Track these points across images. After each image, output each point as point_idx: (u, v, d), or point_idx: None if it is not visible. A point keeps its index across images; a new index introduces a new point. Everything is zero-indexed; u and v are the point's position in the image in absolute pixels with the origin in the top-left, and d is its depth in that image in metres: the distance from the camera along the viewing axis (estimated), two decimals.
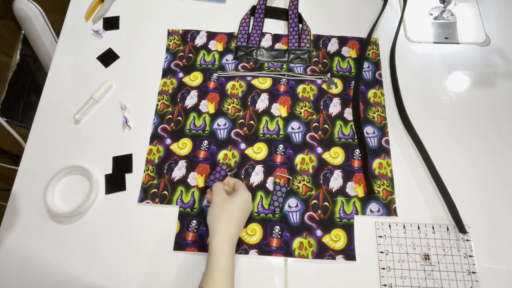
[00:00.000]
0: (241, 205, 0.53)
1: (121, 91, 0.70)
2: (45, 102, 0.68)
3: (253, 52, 0.72)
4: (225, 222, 0.51)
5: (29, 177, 0.62)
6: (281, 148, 0.64)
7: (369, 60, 0.72)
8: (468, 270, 0.56)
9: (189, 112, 0.67)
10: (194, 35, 0.74)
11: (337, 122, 0.66)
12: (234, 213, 0.52)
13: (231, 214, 0.52)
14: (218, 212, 0.52)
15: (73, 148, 0.65)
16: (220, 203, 0.53)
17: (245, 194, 0.55)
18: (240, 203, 0.53)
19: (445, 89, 0.70)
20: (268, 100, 0.68)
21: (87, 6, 0.76)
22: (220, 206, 0.52)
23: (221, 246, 0.49)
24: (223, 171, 0.61)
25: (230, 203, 0.53)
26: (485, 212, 0.60)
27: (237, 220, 0.52)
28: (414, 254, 0.57)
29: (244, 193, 0.55)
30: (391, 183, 0.62)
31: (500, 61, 0.72)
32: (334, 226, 0.59)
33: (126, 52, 0.73)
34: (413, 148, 0.65)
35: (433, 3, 0.78)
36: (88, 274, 0.56)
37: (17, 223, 0.59)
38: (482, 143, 0.65)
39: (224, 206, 0.52)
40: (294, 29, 0.74)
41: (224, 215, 0.52)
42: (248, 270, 0.56)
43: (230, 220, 0.51)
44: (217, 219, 0.51)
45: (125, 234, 0.58)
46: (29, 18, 0.83)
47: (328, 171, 0.62)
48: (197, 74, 0.71)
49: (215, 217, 0.52)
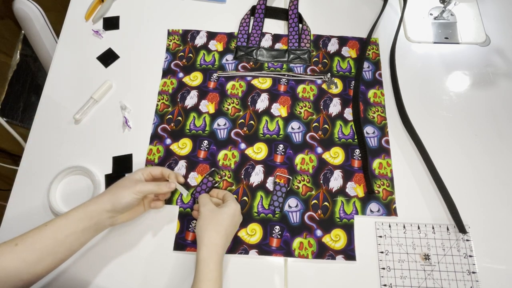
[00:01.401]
0: (229, 216, 0.53)
1: (121, 91, 0.70)
2: (45, 102, 0.68)
3: (253, 52, 0.72)
4: (212, 233, 0.51)
5: (29, 177, 0.62)
6: (281, 148, 0.64)
7: (369, 60, 0.72)
8: (468, 270, 0.56)
9: (189, 112, 0.67)
10: (194, 35, 0.74)
11: (337, 122, 0.66)
12: (222, 223, 0.52)
13: (218, 224, 0.51)
14: (206, 223, 0.52)
15: (73, 148, 0.65)
16: (208, 213, 0.53)
17: (234, 206, 0.54)
18: (228, 213, 0.53)
19: (445, 89, 0.70)
20: (268, 100, 0.68)
21: (87, 6, 0.76)
22: (208, 217, 0.52)
23: (208, 257, 0.49)
24: (210, 183, 0.61)
25: (218, 214, 0.53)
26: (485, 212, 0.60)
27: (224, 230, 0.52)
28: (414, 254, 0.57)
29: (233, 205, 0.55)
30: (391, 183, 0.62)
31: (500, 61, 0.72)
32: (334, 226, 0.59)
33: (126, 52, 0.73)
34: (413, 148, 0.65)
35: (433, 3, 0.78)
36: (88, 274, 0.56)
37: (17, 223, 0.59)
38: (482, 143, 0.65)
39: (212, 217, 0.52)
40: (294, 29, 0.74)
41: (211, 225, 0.51)
42: (248, 270, 0.56)
43: (217, 231, 0.51)
44: (205, 230, 0.51)
45: (125, 234, 0.58)
46: (29, 18, 0.83)
47: (328, 171, 0.62)
48: (197, 74, 0.71)
49: (203, 227, 0.51)
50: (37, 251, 0.45)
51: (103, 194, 0.52)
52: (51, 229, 0.46)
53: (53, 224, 0.47)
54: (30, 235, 0.46)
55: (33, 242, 0.45)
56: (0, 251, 0.44)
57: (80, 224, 0.48)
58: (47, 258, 0.46)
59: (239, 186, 0.61)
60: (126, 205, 0.51)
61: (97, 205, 0.50)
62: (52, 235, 0.46)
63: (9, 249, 0.44)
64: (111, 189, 0.52)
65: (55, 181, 0.61)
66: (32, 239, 0.45)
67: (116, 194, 0.51)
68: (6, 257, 0.43)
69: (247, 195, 0.61)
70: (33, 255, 0.45)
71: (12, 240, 0.45)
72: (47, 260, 0.46)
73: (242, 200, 0.60)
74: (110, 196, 0.51)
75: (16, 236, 0.46)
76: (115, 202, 0.50)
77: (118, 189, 0.52)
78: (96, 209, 0.49)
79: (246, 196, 0.61)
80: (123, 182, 0.53)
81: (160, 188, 0.54)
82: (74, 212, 0.49)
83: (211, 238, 0.50)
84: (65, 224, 0.47)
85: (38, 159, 0.64)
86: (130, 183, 0.52)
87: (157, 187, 0.54)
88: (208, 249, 0.49)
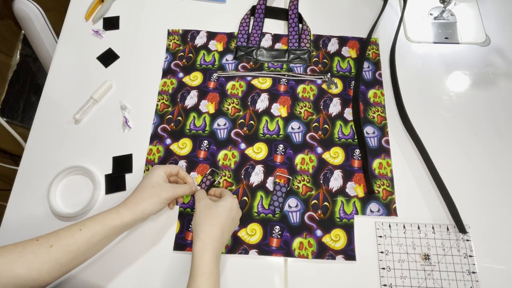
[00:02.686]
0: (226, 210, 0.53)
1: (121, 91, 0.70)
2: (45, 102, 0.68)
3: (253, 52, 0.72)
4: (207, 227, 0.50)
5: (29, 177, 0.62)
6: (281, 148, 0.64)
7: (369, 60, 0.72)
8: (468, 270, 0.56)
9: (189, 112, 0.67)
10: (194, 35, 0.74)
11: (337, 122, 0.66)
12: (217, 217, 0.51)
13: (214, 218, 0.51)
14: (201, 216, 0.52)
15: (73, 148, 0.65)
16: (203, 208, 0.53)
17: (230, 200, 0.54)
18: (225, 207, 0.53)
19: (445, 89, 0.70)
20: (268, 100, 0.68)
21: (87, 6, 0.76)
22: (203, 211, 0.52)
23: (203, 250, 0.48)
24: (208, 181, 0.61)
25: (213, 207, 0.52)
26: (485, 212, 0.60)
27: (221, 224, 0.51)
28: (414, 254, 0.57)
29: (230, 199, 0.54)
30: (391, 183, 0.62)
31: (500, 61, 0.72)
32: (334, 226, 0.59)
33: (126, 52, 0.73)
34: (413, 148, 0.65)
35: (433, 3, 0.78)
36: (87, 274, 0.56)
37: (17, 223, 0.59)
38: (482, 143, 0.65)
39: (207, 211, 0.52)
40: (294, 29, 0.74)
41: (206, 219, 0.51)
42: (248, 270, 0.56)
43: (212, 224, 0.51)
44: (200, 223, 0.51)
45: (125, 234, 0.58)
46: (29, 18, 0.83)
47: (328, 171, 0.62)
48: (197, 74, 0.71)
49: (198, 221, 0.51)
50: (72, 253, 0.46)
51: (137, 202, 0.51)
52: (87, 235, 0.47)
53: (88, 228, 0.48)
54: (64, 236, 0.46)
55: (67, 245, 0.46)
56: (34, 251, 0.44)
57: (113, 231, 0.49)
58: (79, 258, 0.48)
59: (239, 186, 0.61)
60: (156, 212, 0.53)
61: (133, 215, 0.50)
62: (87, 240, 0.47)
63: (43, 250, 0.45)
64: (144, 196, 0.52)
65: (55, 181, 0.61)
66: (67, 241, 0.46)
67: (147, 204, 0.51)
68: (40, 258, 0.44)
69: (247, 195, 0.61)
70: (67, 257, 0.46)
71: (46, 240, 0.46)
72: (79, 260, 0.48)
73: (242, 200, 0.60)
74: (144, 206, 0.51)
75: (48, 234, 0.46)
76: (148, 213, 0.51)
77: (149, 198, 0.52)
78: (133, 219, 0.50)
79: (246, 196, 0.61)
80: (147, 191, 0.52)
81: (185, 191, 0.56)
82: (111, 221, 0.49)
83: (206, 231, 0.50)
84: (101, 231, 0.48)
85: (38, 159, 0.64)
86: (155, 190, 0.52)
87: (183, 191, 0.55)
88: (203, 242, 0.49)
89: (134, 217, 0.50)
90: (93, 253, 0.49)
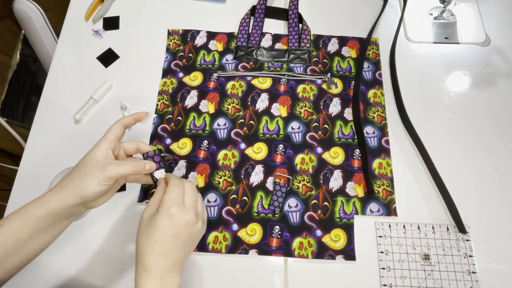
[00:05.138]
0: (165, 235, 0.41)
1: (121, 91, 0.70)
2: (45, 102, 0.68)
3: (253, 52, 0.72)
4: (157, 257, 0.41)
5: (29, 177, 0.62)
6: (281, 148, 0.64)
7: (369, 60, 0.72)
8: (468, 270, 0.56)
9: (189, 112, 0.67)
10: (194, 35, 0.74)
11: (337, 122, 0.66)
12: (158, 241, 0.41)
13: (155, 241, 0.41)
14: (144, 236, 0.42)
15: (73, 148, 0.65)
16: (145, 222, 0.43)
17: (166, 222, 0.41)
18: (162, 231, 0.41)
19: (445, 89, 0.70)
20: (268, 100, 0.68)
21: (87, 6, 0.76)
22: (144, 226, 0.42)
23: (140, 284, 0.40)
24: (157, 157, 0.49)
25: (152, 226, 0.41)
26: (485, 212, 0.60)
27: (163, 250, 0.41)
28: (414, 254, 0.57)
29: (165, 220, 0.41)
30: (391, 183, 0.62)
31: (500, 61, 0.72)
32: (334, 226, 0.59)
33: (126, 52, 0.73)
34: (413, 148, 0.65)
35: (433, 3, 0.78)
36: (88, 274, 0.56)
37: None
38: (482, 143, 0.65)
39: (147, 229, 0.42)
40: (294, 29, 0.74)
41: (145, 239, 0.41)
42: (248, 270, 0.56)
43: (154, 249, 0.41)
44: (144, 246, 0.41)
45: (125, 234, 0.58)
46: (29, 18, 0.83)
47: (328, 171, 0.62)
48: (197, 74, 0.71)
49: (142, 240, 0.42)
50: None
51: (64, 184, 0.43)
52: (10, 230, 0.40)
53: (10, 223, 0.40)
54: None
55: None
56: None
57: (42, 222, 0.41)
58: (13, 258, 0.41)
59: (239, 186, 0.61)
60: (95, 195, 0.43)
61: (61, 201, 0.42)
62: (12, 236, 0.40)
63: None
64: (73, 176, 0.43)
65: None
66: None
67: (79, 184, 0.42)
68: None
69: (247, 195, 0.61)
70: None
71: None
72: (14, 259, 0.41)
73: (242, 200, 0.60)
74: (73, 187, 0.42)
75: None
76: (82, 195, 0.42)
77: (81, 177, 0.42)
78: (62, 205, 0.42)
79: (246, 196, 0.61)
80: (84, 168, 0.43)
81: (129, 169, 0.44)
82: (33, 211, 0.41)
83: (143, 259, 0.41)
84: (25, 224, 0.41)
85: (38, 159, 0.64)
86: (94, 169, 0.42)
87: (127, 169, 0.44)
88: (138, 274, 0.41)
89: (63, 203, 0.41)
90: (32, 248, 0.41)
